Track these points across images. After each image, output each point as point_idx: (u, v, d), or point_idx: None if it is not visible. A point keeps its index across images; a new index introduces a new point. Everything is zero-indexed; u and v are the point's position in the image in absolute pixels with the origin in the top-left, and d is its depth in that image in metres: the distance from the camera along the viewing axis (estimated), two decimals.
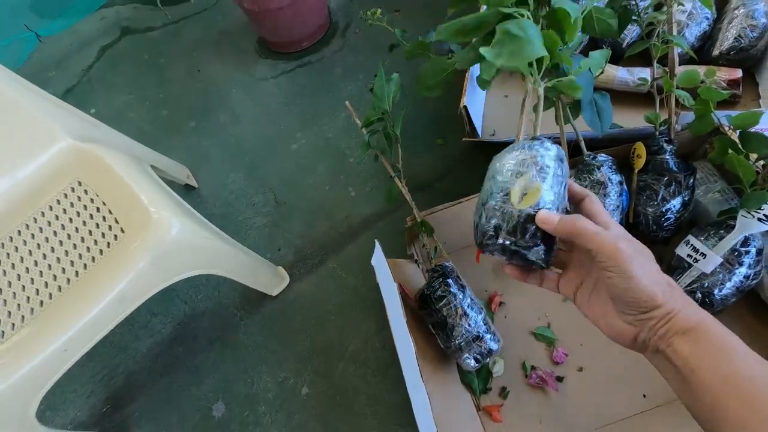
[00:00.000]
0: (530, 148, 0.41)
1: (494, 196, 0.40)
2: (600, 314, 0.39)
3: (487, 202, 0.41)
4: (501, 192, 0.40)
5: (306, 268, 0.91)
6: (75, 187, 0.69)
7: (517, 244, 0.39)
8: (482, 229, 0.41)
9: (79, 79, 1.40)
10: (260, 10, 1.11)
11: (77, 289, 0.60)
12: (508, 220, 0.39)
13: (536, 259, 0.39)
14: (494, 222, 0.39)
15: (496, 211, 0.40)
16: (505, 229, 0.39)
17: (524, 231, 0.38)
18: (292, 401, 0.78)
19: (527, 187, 0.39)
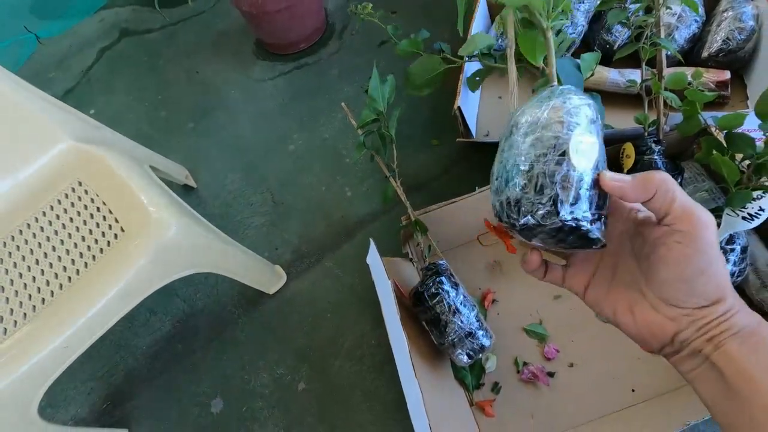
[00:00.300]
0: (566, 96, 0.32)
1: (543, 158, 0.30)
2: (625, 308, 0.32)
3: (533, 167, 0.30)
4: (552, 150, 0.30)
5: (303, 266, 0.93)
6: (75, 188, 0.71)
7: (584, 218, 0.29)
8: (530, 206, 0.30)
9: (78, 81, 1.41)
10: (258, 13, 1.13)
11: (78, 288, 0.62)
12: (570, 186, 0.29)
13: (600, 236, 0.30)
14: (549, 191, 0.29)
15: (550, 177, 0.29)
16: (569, 200, 0.29)
17: (592, 199, 0.30)
18: (288, 397, 0.80)
19: (583, 142, 0.30)
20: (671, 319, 0.30)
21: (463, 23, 0.69)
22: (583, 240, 0.31)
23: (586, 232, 0.30)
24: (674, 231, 0.29)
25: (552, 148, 0.30)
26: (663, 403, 0.66)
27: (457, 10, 0.68)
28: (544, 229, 0.30)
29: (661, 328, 0.30)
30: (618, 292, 0.33)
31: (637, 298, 0.32)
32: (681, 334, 0.30)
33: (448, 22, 1.20)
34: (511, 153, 0.32)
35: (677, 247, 0.28)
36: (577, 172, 0.29)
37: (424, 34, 0.93)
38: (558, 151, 0.30)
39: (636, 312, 0.32)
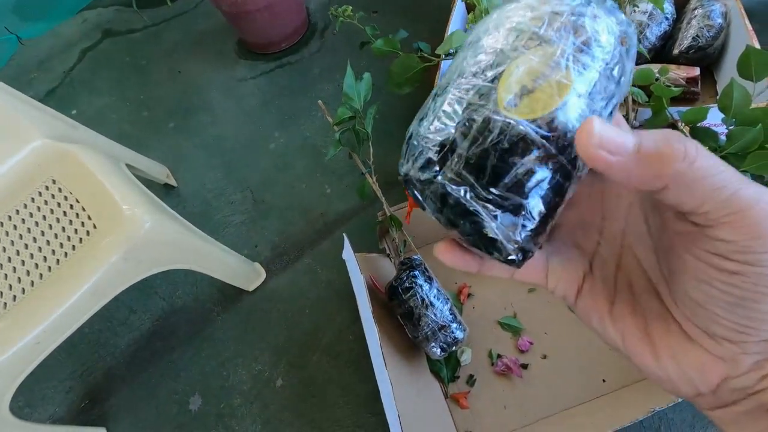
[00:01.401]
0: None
1: (470, 77, 0.19)
2: (639, 333, 0.20)
3: (446, 91, 0.20)
4: (482, 71, 0.19)
5: (282, 263, 0.93)
6: (49, 186, 0.71)
7: (479, 193, 0.18)
8: (417, 147, 0.20)
9: (60, 81, 1.41)
10: (238, 12, 1.13)
11: (49, 284, 0.62)
12: (478, 132, 0.18)
13: (504, 238, 0.19)
14: (446, 131, 0.19)
15: (455, 111, 0.19)
16: (464, 154, 0.18)
17: (503, 164, 0.18)
18: (266, 393, 0.80)
19: (543, 74, 0.18)
20: (720, 357, 0.18)
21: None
22: (478, 235, 0.19)
23: (479, 224, 0.19)
24: (711, 239, 0.17)
25: (484, 68, 0.19)
26: (632, 392, 0.68)
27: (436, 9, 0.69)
28: (425, 191, 0.20)
29: (701, 370, 0.19)
30: (626, 305, 0.21)
31: (656, 314, 0.20)
32: (737, 380, 0.18)
33: (429, 21, 1.21)
34: (451, 65, 0.21)
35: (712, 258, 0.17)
36: (503, 116, 0.18)
37: (402, 34, 0.94)
38: (489, 73, 0.19)
39: (657, 340, 0.20)
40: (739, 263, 0.16)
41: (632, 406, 0.65)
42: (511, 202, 0.18)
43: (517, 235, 0.19)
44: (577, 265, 0.22)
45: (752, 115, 0.60)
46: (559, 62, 0.18)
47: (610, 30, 0.19)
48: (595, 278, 0.22)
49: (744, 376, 0.18)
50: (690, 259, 0.18)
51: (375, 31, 0.92)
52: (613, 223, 0.22)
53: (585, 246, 0.23)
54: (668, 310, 0.20)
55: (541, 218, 0.19)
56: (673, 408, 0.59)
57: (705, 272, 0.17)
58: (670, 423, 0.68)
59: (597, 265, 0.22)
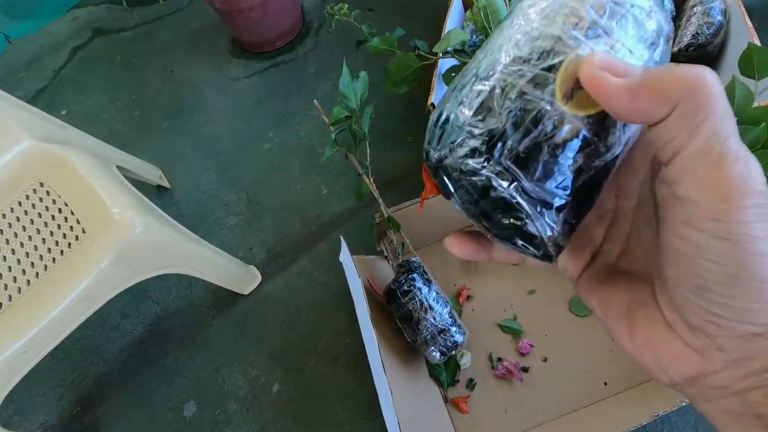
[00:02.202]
0: None
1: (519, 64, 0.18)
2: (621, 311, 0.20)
3: (494, 73, 0.18)
4: (538, 57, 0.17)
5: (278, 266, 0.92)
6: (37, 189, 0.69)
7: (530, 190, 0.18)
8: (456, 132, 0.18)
9: (50, 81, 1.38)
10: (231, 10, 1.11)
11: (37, 291, 0.60)
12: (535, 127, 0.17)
13: (545, 234, 0.18)
14: (494, 119, 0.18)
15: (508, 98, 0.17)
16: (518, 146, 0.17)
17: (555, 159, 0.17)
18: (263, 398, 0.78)
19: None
20: (696, 351, 0.17)
21: None
22: (514, 230, 0.19)
23: (521, 221, 0.18)
24: (678, 199, 0.16)
25: (541, 53, 0.17)
26: (635, 395, 0.67)
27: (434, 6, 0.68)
28: (461, 180, 0.18)
29: (676, 361, 0.18)
30: (616, 281, 0.21)
31: (643, 298, 0.19)
32: (714, 377, 0.17)
33: (426, 19, 1.19)
34: (485, 52, 0.19)
35: (681, 228, 0.16)
36: (559, 110, 0.17)
37: (399, 32, 0.93)
38: (547, 60, 0.17)
39: (635, 321, 0.19)
40: (706, 235, 0.15)
41: (635, 409, 0.64)
42: (557, 200, 0.18)
43: (557, 233, 0.18)
44: (586, 248, 0.22)
45: (755, 114, 0.59)
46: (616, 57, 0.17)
47: (661, 27, 0.19)
48: (599, 260, 0.22)
49: (721, 373, 0.17)
50: (666, 233, 0.17)
51: (371, 30, 0.91)
52: (626, 202, 0.21)
53: (596, 229, 0.22)
54: (656, 297, 0.19)
55: (578, 215, 0.19)
56: (676, 411, 0.58)
57: (677, 247, 0.17)
58: (673, 426, 0.67)
59: (605, 247, 0.22)
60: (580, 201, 0.19)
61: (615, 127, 0.18)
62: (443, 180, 0.19)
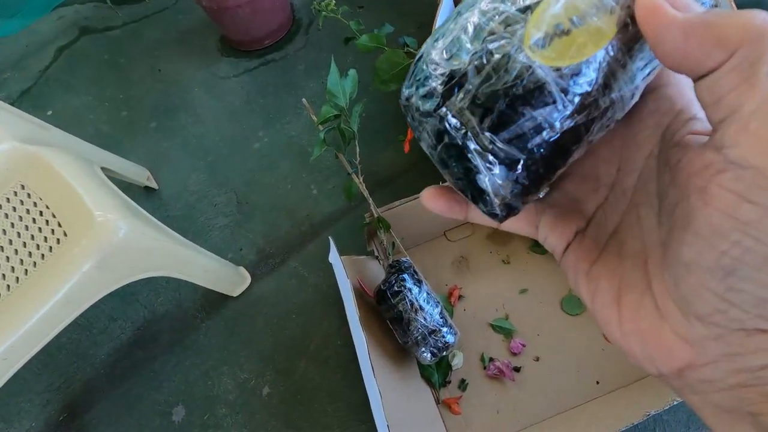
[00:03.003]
0: None
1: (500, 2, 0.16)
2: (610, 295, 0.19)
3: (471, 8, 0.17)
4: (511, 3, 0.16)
5: (268, 267, 0.91)
6: (18, 191, 0.67)
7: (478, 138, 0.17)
8: (424, 71, 0.18)
9: (36, 81, 1.36)
10: (218, 8, 1.09)
11: (17, 296, 0.59)
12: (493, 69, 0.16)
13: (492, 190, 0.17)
14: (458, 60, 0.17)
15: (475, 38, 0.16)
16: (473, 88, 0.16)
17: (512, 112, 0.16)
18: (253, 402, 0.77)
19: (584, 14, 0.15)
20: (686, 340, 0.16)
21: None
22: (467, 180, 0.18)
23: (472, 171, 0.17)
24: (731, 164, 0.14)
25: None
26: (627, 394, 0.66)
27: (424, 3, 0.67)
28: (422, 122, 0.18)
29: (666, 351, 0.17)
30: (605, 267, 0.19)
31: (635, 283, 0.18)
32: (704, 369, 0.16)
33: (416, 15, 1.18)
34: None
35: (727, 198, 0.14)
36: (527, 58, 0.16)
37: (388, 29, 0.92)
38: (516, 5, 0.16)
39: (626, 311, 0.18)
40: (761, 208, 0.13)
41: (627, 408, 0.63)
42: (508, 156, 0.16)
43: (507, 192, 0.17)
44: (571, 220, 0.21)
45: None
46: (607, 5, 0.15)
47: None
48: (587, 236, 0.20)
49: (712, 366, 0.16)
50: (699, 207, 0.14)
51: (360, 27, 0.90)
52: (627, 177, 0.20)
53: (588, 201, 0.21)
54: (649, 282, 0.17)
55: (536, 178, 0.17)
56: (668, 410, 0.58)
57: (714, 221, 0.14)
58: (665, 424, 0.67)
59: (595, 223, 0.20)
60: (538, 163, 0.17)
61: (591, 87, 0.16)
62: (413, 124, 0.19)
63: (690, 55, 0.14)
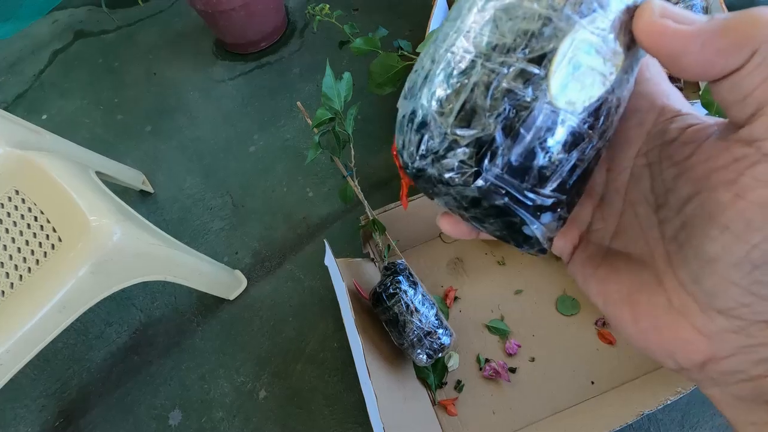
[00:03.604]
0: None
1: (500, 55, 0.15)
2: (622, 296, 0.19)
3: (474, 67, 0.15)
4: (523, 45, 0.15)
5: (264, 270, 0.91)
6: (12, 197, 0.67)
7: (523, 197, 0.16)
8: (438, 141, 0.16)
9: (30, 84, 1.35)
10: (213, 12, 1.10)
11: (12, 302, 0.59)
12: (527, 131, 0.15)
13: (541, 235, 0.17)
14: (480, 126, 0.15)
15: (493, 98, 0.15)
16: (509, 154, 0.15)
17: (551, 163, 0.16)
18: (249, 405, 0.77)
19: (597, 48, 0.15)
20: (705, 334, 0.16)
21: None
22: (510, 231, 0.17)
23: (519, 224, 0.17)
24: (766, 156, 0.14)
25: (526, 38, 0.15)
26: (621, 393, 0.67)
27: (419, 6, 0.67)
28: (448, 191, 0.17)
29: (685, 346, 0.17)
30: (611, 269, 0.19)
31: (645, 281, 0.18)
32: (725, 362, 0.16)
33: (411, 18, 1.19)
34: (450, 35, 0.16)
35: (763, 190, 0.14)
36: (552, 107, 0.15)
37: (382, 32, 0.92)
38: (535, 49, 0.15)
39: (639, 306, 0.18)
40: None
41: (622, 408, 0.64)
42: (553, 201, 0.16)
43: (552, 231, 0.17)
44: (573, 225, 0.21)
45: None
46: (609, 36, 0.15)
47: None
48: (591, 239, 0.21)
49: (732, 358, 0.16)
50: (726, 194, 0.14)
51: (354, 30, 0.90)
52: (618, 177, 0.20)
53: (585, 204, 0.21)
54: (660, 280, 0.17)
55: (572, 206, 0.17)
56: (662, 409, 0.58)
57: (746, 215, 0.14)
58: (659, 423, 0.67)
59: (596, 225, 0.21)
60: (573, 195, 0.17)
61: (611, 110, 0.16)
62: (426, 187, 0.17)
63: (710, 63, 0.14)
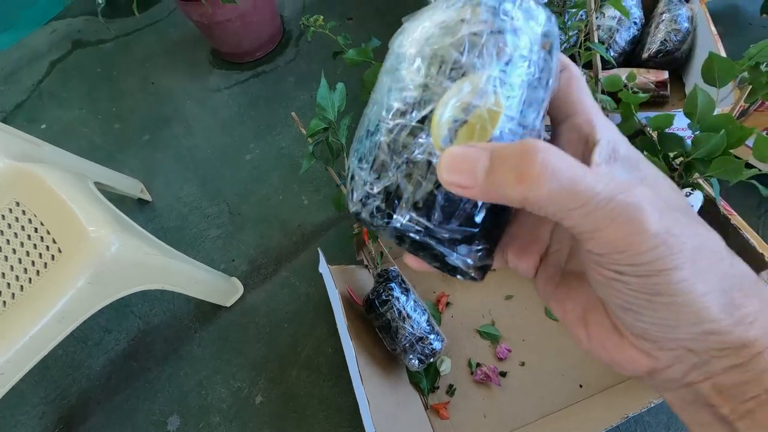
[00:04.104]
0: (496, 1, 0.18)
1: (400, 115, 0.18)
2: (577, 314, 0.21)
3: (379, 127, 0.19)
4: (411, 110, 0.18)
5: (260, 277, 0.92)
6: (12, 208, 0.69)
7: (429, 232, 0.19)
8: (362, 190, 0.19)
9: (29, 94, 1.37)
10: (209, 23, 1.11)
11: (13, 313, 0.60)
12: (420, 176, 0.18)
13: (462, 266, 0.20)
14: (388, 177, 0.19)
15: (395, 153, 0.18)
16: (412, 198, 0.18)
17: (450, 203, 0.18)
18: (246, 410, 0.79)
19: (472, 104, 0.17)
20: (642, 351, 0.18)
21: None
22: (440, 263, 0.20)
23: (441, 255, 0.19)
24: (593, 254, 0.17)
25: (414, 104, 0.18)
26: (608, 396, 0.68)
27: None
28: (379, 229, 0.20)
29: (630, 361, 0.19)
30: (569, 285, 0.21)
31: (595, 303, 0.20)
32: (665, 372, 0.18)
33: None
34: (372, 103, 0.20)
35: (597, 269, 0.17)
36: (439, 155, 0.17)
37: (375, 43, 0.94)
38: (421, 111, 0.18)
39: (590, 326, 0.20)
40: (615, 272, 0.17)
41: (608, 411, 0.65)
42: (464, 235, 0.19)
43: (475, 260, 0.20)
44: (533, 248, 0.22)
45: (716, 121, 0.61)
46: (486, 90, 0.17)
47: (532, 39, 0.19)
48: (549, 261, 0.22)
49: (669, 369, 0.18)
50: (584, 259, 0.18)
51: (347, 41, 0.92)
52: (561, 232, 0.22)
53: (541, 228, 0.22)
54: (604, 303, 0.20)
55: (492, 237, 0.20)
56: (648, 411, 0.60)
57: (594, 274, 0.18)
58: (646, 425, 0.69)
59: (552, 247, 0.22)
60: (489, 227, 0.19)
61: None
62: (367, 227, 0.21)
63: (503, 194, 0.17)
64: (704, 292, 0.16)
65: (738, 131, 0.56)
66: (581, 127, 0.20)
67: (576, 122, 0.20)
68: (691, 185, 0.65)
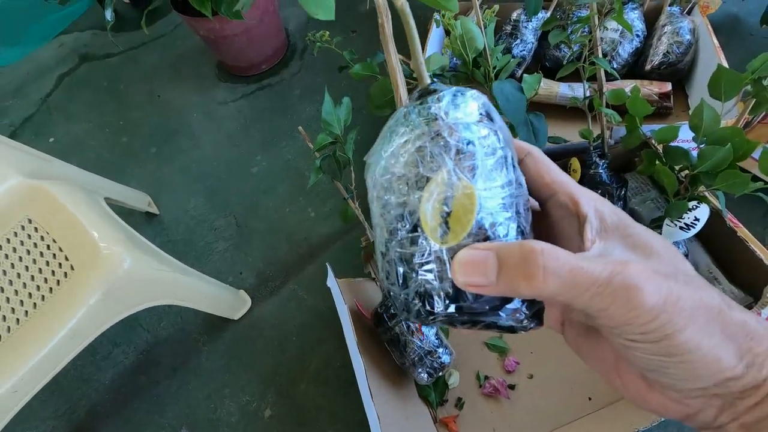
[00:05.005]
0: (422, 112, 0.22)
1: (395, 235, 0.22)
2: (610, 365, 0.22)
3: (388, 250, 0.22)
4: (401, 223, 0.21)
5: (268, 290, 0.93)
6: (25, 225, 0.69)
7: (471, 311, 0.21)
8: (401, 301, 0.22)
9: (37, 108, 1.39)
10: (215, 37, 1.13)
11: (26, 330, 0.61)
12: (442, 274, 0.20)
13: (515, 324, 0.22)
14: (413, 285, 0.21)
15: (407, 264, 0.21)
16: (442, 292, 0.21)
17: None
18: (255, 424, 0.79)
19: (447, 196, 0.20)
20: (673, 400, 0.20)
21: None
22: (496, 328, 0.22)
23: (492, 323, 0.22)
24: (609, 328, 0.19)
25: (400, 218, 0.21)
26: (617, 409, 0.68)
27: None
28: (431, 323, 0.22)
29: (663, 409, 0.21)
30: (596, 338, 0.23)
31: (623, 358, 0.21)
32: (697, 417, 0.20)
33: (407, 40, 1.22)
34: (375, 226, 0.23)
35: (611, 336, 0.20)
36: (444, 248, 0.20)
37: (380, 57, 0.95)
38: (409, 222, 0.21)
39: (623, 376, 0.22)
40: (629, 341, 0.19)
41: (617, 424, 0.65)
42: (501, 299, 0.21)
43: (523, 313, 0.22)
44: (554, 307, 0.25)
45: (722, 135, 0.62)
46: (452, 181, 0.20)
47: (468, 127, 0.21)
48: (573, 318, 0.25)
49: (701, 414, 0.20)
50: (601, 329, 0.21)
51: (353, 56, 0.93)
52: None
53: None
54: None
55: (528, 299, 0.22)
56: (657, 425, 0.60)
57: (613, 341, 0.20)
58: None
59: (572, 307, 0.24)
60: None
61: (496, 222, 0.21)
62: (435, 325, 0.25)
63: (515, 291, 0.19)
64: (712, 345, 0.18)
65: (744, 144, 0.56)
66: (566, 204, 0.22)
67: (560, 200, 0.23)
68: (697, 198, 0.65)
